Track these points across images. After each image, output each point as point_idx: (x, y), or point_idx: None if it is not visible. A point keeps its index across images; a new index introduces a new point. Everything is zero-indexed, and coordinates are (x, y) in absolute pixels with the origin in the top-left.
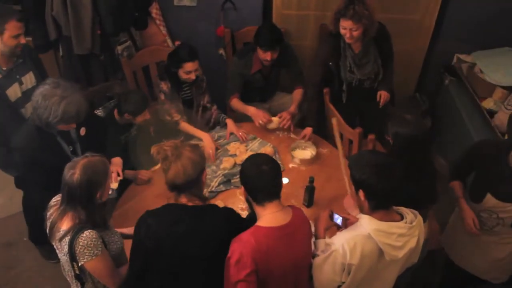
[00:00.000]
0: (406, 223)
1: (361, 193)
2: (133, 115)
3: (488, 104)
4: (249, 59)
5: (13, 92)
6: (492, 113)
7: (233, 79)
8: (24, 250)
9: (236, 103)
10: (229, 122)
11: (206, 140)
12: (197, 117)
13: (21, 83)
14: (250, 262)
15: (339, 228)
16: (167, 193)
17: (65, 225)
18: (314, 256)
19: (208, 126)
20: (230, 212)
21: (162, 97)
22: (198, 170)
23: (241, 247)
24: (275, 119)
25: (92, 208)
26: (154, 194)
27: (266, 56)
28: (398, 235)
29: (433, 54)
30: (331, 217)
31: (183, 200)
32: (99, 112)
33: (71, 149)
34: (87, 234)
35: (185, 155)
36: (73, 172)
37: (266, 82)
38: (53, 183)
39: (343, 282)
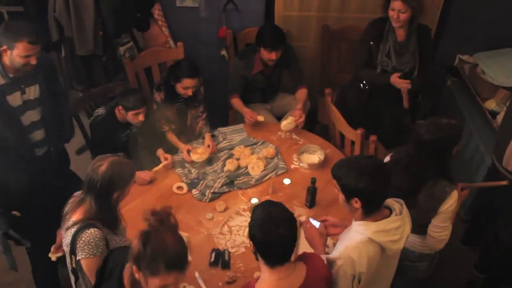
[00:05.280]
0: (396, 215)
1: (356, 201)
2: (126, 110)
3: (490, 105)
4: (251, 60)
5: (13, 98)
6: (494, 114)
7: (233, 80)
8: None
9: (235, 102)
10: (207, 136)
11: (183, 154)
12: (189, 126)
13: (23, 93)
14: None
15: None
16: (167, 194)
17: (76, 216)
18: None
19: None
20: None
21: (154, 106)
22: None
23: None
24: (291, 119)
25: (105, 206)
26: (156, 195)
27: (271, 56)
28: (395, 229)
29: (435, 55)
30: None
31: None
32: (100, 110)
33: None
34: (92, 232)
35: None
36: (101, 164)
37: (267, 83)
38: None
39: None
